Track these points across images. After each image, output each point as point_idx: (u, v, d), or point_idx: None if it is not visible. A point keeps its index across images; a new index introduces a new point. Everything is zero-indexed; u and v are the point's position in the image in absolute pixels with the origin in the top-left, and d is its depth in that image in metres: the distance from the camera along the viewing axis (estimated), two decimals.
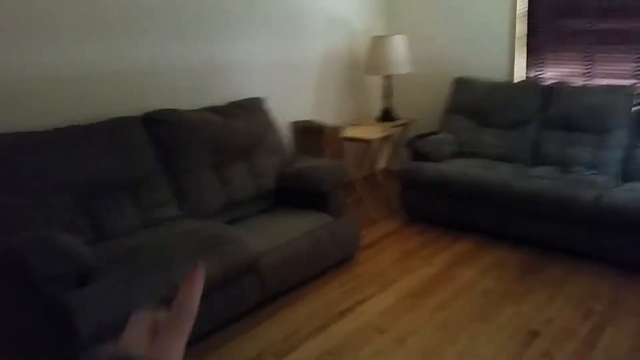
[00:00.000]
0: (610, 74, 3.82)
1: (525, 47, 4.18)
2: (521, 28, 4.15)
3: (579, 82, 3.95)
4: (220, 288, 2.44)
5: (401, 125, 4.41)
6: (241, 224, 2.93)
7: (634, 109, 3.53)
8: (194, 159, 2.92)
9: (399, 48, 4.21)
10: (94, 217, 2.48)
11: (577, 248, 3.19)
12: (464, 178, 3.52)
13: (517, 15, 4.10)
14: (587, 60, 3.91)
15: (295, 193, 3.20)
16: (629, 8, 3.66)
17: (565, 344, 2.41)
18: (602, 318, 2.60)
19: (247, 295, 2.57)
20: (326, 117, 4.28)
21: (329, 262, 3.07)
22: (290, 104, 3.97)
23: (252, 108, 3.34)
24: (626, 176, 3.41)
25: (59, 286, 1.94)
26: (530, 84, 4.06)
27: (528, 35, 4.14)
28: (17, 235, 2.06)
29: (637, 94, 3.53)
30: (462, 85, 4.21)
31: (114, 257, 2.25)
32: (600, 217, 3.02)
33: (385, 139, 4.40)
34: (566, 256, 3.22)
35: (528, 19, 4.10)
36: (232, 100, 3.37)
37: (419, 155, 3.86)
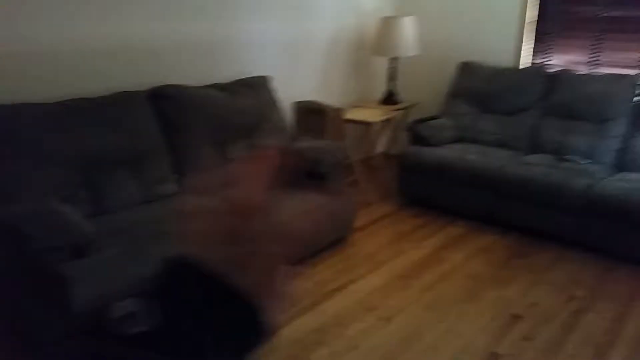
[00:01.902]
0: (616, 63, 3.83)
1: (534, 33, 4.18)
2: (531, 13, 4.15)
3: (584, 70, 3.96)
4: None
5: (403, 108, 4.45)
6: None
7: (635, 99, 3.55)
8: (197, 136, 2.99)
9: (408, 30, 4.23)
10: (94, 190, 2.54)
11: (564, 235, 3.25)
12: (461, 163, 3.58)
13: (528, 1, 4.10)
14: (595, 48, 3.91)
15: (294, 173, 3.28)
16: None
17: (546, 327, 2.50)
18: (583, 303, 2.69)
19: None
20: (329, 97, 4.32)
21: (323, 242, 3.16)
22: (295, 84, 4.02)
23: (257, 86, 3.40)
24: (621, 166, 3.46)
25: (56, 257, 1.97)
26: (534, 70, 4.07)
27: (538, 20, 4.14)
28: (15, 205, 2.10)
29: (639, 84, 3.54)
30: (467, 70, 4.24)
31: (113, 231, 2.33)
32: (589, 206, 3.09)
33: (386, 122, 4.45)
34: (553, 243, 3.29)
35: (540, 4, 4.10)
36: (239, 78, 3.42)
37: (418, 139, 3.92)
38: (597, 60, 3.90)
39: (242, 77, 3.44)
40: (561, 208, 3.19)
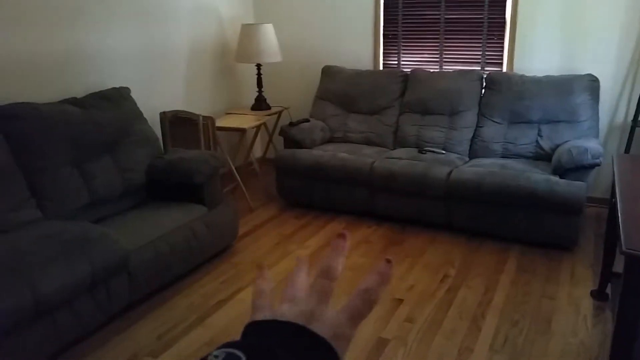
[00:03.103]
0: (461, 61, 4.22)
1: (386, 37, 4.45)
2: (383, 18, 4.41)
3: (435, 68, 4.31)
4: (89, 291, 2.35)
5: (275, 113, 4.49)
6: (109, 222, 2.82)
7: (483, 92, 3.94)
8: (53, 156, 2.74)
9: (269, 37, 4.27)
10: None
11: (433, 220, 3.53)
12: (334, 162, 3.71)
13: (381, 5, 4.35)
14: (442, 48, 4.27)
15: (168, 186, 3.15)
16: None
17: (425, 307, 2.68)
18: (456, 281, 2.93)
19: (117, 296, 2.50)
20: (198, 106, 4.23)
21: (206, 254, 3.07)
22: (159, 94, 3.87)
23: (115, 98, 3.20)
24: (473, 153, 3.83)
25: None
26: (391, 71, 4.34)
27: (384, 24, 4.41)
28: None
29: (485, 78, 3.93)
30: (329, 73, 4.40)
31: None
32: (450, 191, 3.37)
33: (259, 127, 4.46)
34: (424, 228, 3.55)
35: (384, 9, 4.37)
36: (94, 91, 3.20)
37: (292, 142, 3.98)
38: (445, 58, 4.28)
39: (98, 89, 3.23)
40: (427, 196, 3.45)
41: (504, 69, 4.05)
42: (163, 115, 3.67)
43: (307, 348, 0.38)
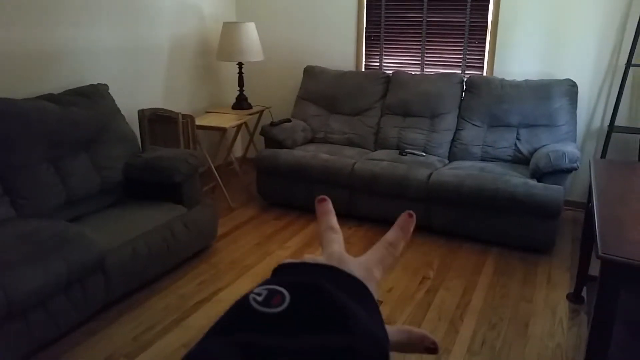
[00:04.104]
0: (442, 63, 4.24)
1: (368, 38, 4.46)
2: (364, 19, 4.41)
3: (416, 70, 4.33)
4: (64, 291, 2.29)
5: (256, 112, 4.46)
6: (86, 221, 2.77)
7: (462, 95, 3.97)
8: (28, 153, 2.68)
9: (250, 35, 4.24)
10: None
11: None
12: (315, 163, 3.70)
13: (364, 7, 4.35)
14: (422, 50, 4.29)
15: (146, 185, 3.10)
16: (453, 2, 4.08)
17: (405, 308, 2.69)
18: (435, 283, 2.94)
19: (93, 297, 2.45)
20: (178, 104, 4.18)
21: (184, 255, 3.04)
22: (138, 91, 3.81)
23: (93, 95, 3.14)
24: (452, 156, 3.85)
25: None
26: (373, 73, 4.35)
27: (366, 26, 4.41)
28: None
29: (465, 82, 3.96)
30: (311, 74, 4.39)
31: None
32: (430, 193, 3.39)
33: (240, 126, 4.43)
34: None
35: (367, 10, 4.38)
36: (71, 87, 3.14)
37: (273, 142, 3.96)
38: (427, 60, 4.30)
39: (75, 86, 3.17)
40: (407, 197, 3.46)
41: (485, 73, 4.09)
42: (141, 113, 3.62)
43: (344, 285, 0.37)
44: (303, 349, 0.29)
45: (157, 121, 3.66)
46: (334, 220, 0.47)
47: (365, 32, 4.43)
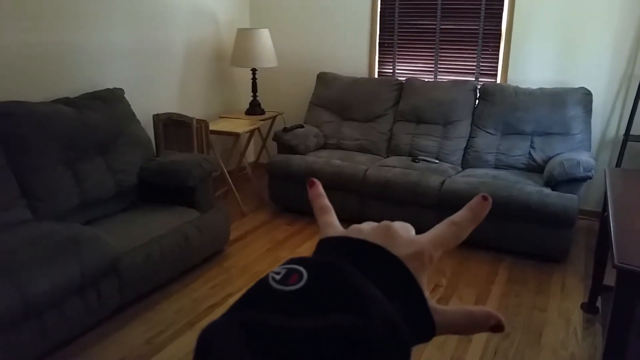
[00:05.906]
0: (456, 71, 4.24)
1: (382, 45, 4.47)
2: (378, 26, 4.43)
3: (429, 77, 4.33)
4: (78, 293, 2.32)
5: (269, 118, 4.49)
6: (100, 224, 2.80)
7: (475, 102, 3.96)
8: (44, 156, 2.72)
9: (265, 41, 4.27)
10: None
11: (424, 229, 3.45)
12: (327, 169, 3.70)
13: (377, 14, 4.37)
14: (436, 57, 4.29)
15: (160, 189, 3.13)
16: (467, 9, 4.08)
17: None
18: (447, 291, 2.93)
19: (107, 299, 2.47)
20: (192, 109, 4.21)
21: (197, 258, 3.05)
22: (153, 96, 3.85)
23: (109, 99, 3.18)
24: (466, 163, 3.84)
25: None
26: (386, 79, 4.36)
27: (380, 33, 4.43)
28: None
29: (479, 89, 3.95)
30: (325, 80, 4.40)
31: None
32: (443, 200, 3.38)
33: (253, 132, 4.45)
34: None
35: (380, 17, 4.39)
36: (88, 91, 3.18)
37: (286, 148, 3.98)
38: (440, 68, 4.30)
39: (92, 90, 3.21)
40: (419, 204, 3.45)
41: (498, 80, 4.08)
42: (156, 117, 3.66)
43: (376, 265, 0.36)
44: (311, 328, 0.29)
45: (172, 125, 3.70)
46: (325, 200, 0.47)
47: (379, 39, 4.44)
